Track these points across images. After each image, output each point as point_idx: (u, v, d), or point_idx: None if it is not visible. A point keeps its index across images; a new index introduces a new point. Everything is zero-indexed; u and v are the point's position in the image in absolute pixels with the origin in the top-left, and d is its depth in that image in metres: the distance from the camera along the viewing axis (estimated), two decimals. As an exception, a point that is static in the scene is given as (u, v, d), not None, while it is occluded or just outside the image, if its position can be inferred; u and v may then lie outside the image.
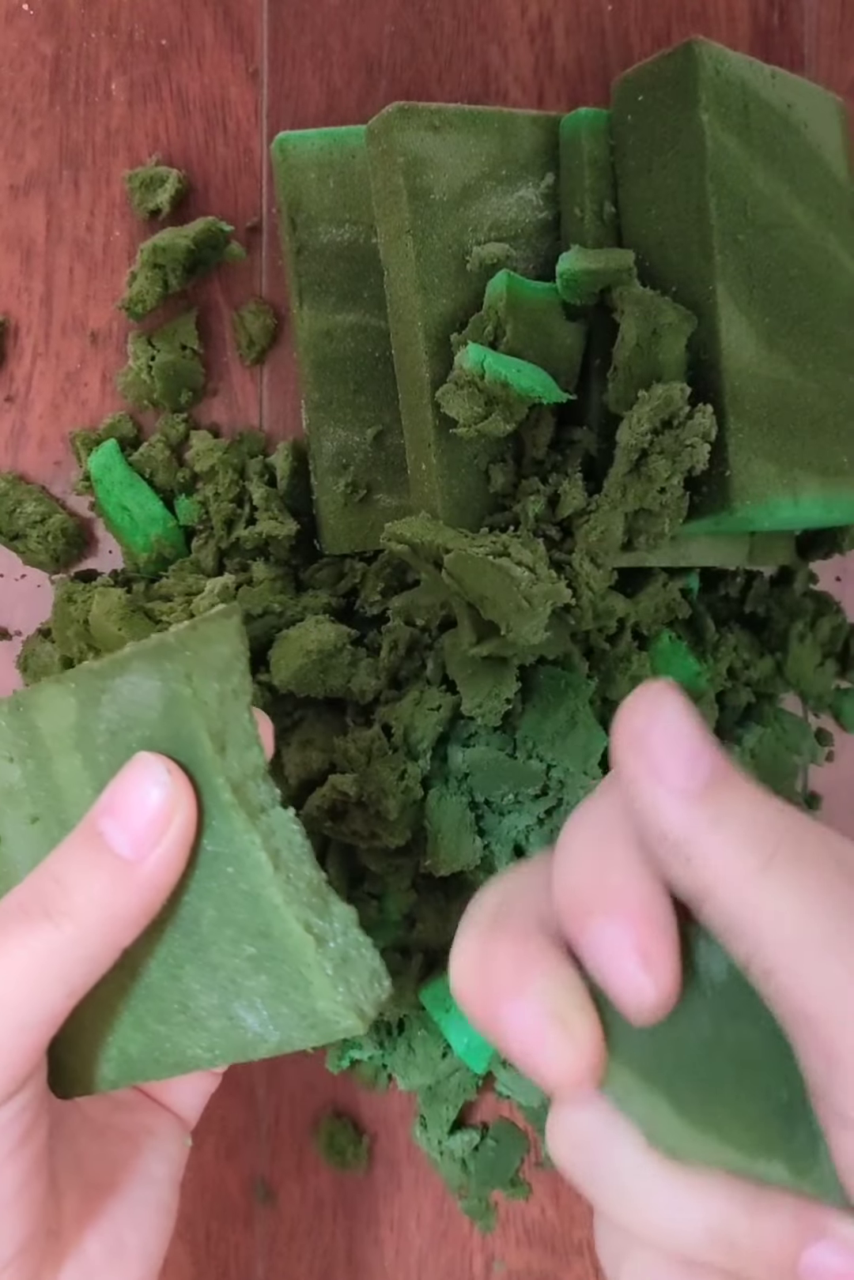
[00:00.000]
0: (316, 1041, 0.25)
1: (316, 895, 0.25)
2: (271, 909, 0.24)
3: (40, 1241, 0.27)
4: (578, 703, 0.38)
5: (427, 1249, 0.43)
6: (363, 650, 0.39)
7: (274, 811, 0.25)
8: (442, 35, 0.43)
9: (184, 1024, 0.26)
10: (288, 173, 0.39)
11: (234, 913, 0.25)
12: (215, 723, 0.25)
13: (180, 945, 0.26)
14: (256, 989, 0.25)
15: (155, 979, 0.26)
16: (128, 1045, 0.27)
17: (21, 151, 0.42)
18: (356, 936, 0.25)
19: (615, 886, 0.20)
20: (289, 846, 0.25)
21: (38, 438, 0.42)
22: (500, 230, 0.36)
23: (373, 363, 0.39)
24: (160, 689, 0.24)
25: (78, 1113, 0.30)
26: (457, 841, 0.38)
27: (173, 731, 0.25)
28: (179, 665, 0.24)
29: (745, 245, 0.35)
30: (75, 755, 0.26)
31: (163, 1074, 0.27)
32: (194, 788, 0.25)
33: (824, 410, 0.37)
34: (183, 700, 0.24)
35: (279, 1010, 0.25)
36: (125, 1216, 0.29)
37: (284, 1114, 0.43)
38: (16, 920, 0.25)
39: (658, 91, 0.35)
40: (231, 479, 0.40)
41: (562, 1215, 0.43)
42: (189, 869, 0.25)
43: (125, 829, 0.25)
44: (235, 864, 0.25)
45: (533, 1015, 0.20)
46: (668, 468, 0.33)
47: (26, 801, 0.27)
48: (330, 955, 0.25)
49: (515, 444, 0.36)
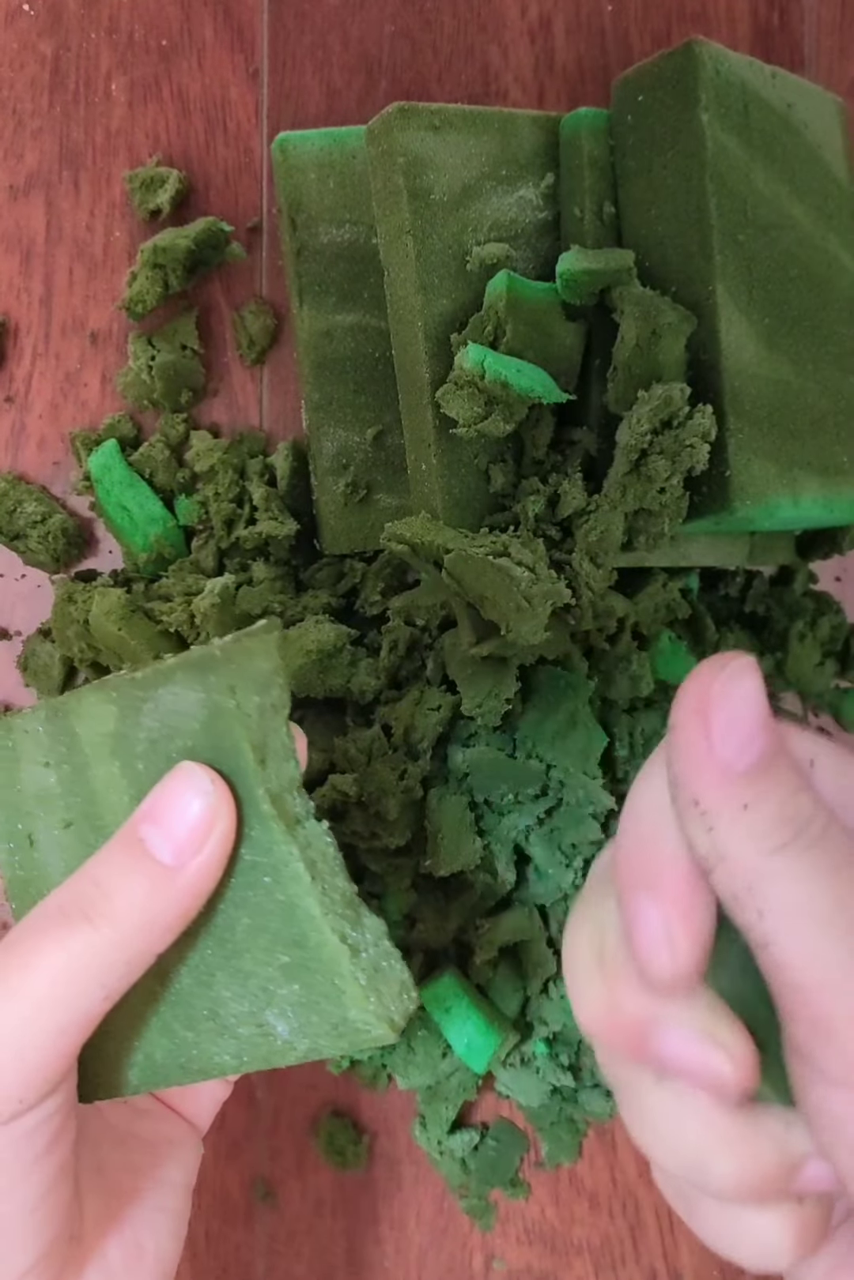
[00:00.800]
0: (346, 1050, 0.26)
1: (350, 907, 0.26)
2: (308, 919, 0.25)
3: (63, 1246, 0.27)
4: (578, 703, 0.38)
5: (426, 1247, 0.43)
6: (363, 650, 0.39)
7: (309, 823, 0.26)
8: (441, 35, 0.43)
9: (213, 1030, 0.26)
10: (288, 173, 0.39)
11: (269, 922, 0.25)
12: (256, 735, 0.25)
13: (213, 952, 0.26)
14: (288, 997, 0.25)
15: (185, 985, 0.26)
16: (154, 1050, 0.27)
17: (21, 152, 0.42)
18: (387, 947, 0.26)
19: (660, 862, 0.21)
20: (324, 858, 0.26)
21: (37, 438, 0.42)
22: (500, 230, 0.36)
23: (373, 363, 0.39)
24: (203, 700, 0.25)
25: (99, 1118, 0.30)
26: (457, 841, 0.38)
27: (214, 742, 0.25)
28: (222, 678, 0.24)
29: (745, 245, 0.35)
30: (113, 762, 0.26)
31: (187, 1079, 0.27)
32: (234, 798, 0.25)
33: (824, 410, 0.37)
34: (226, 712, 0.25)
35: (310, 1019, 0.25)
36: (144, 1222, 0.30)
37: (284, 1113, 0.43)
38: (56, 923, 0.25)
39: (658, 91, 0.35)
40: (231, 479, 0.40)
41: (562, 1215, 0.43)
42: (225, 878, 0.25)
43: (167, 836, 0.25)
44: (273, 874, 0.25)
45: (687, 1043, 0.21)
46: (668, 468, 0.33)
47: (61, 806, 0.27)
48: (363, 966, 0.25)
49: (515, 444, 0.36)
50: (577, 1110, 0.42)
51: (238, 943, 0.26)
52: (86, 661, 0.40)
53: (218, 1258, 0.43)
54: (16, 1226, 0.25)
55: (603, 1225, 0.43)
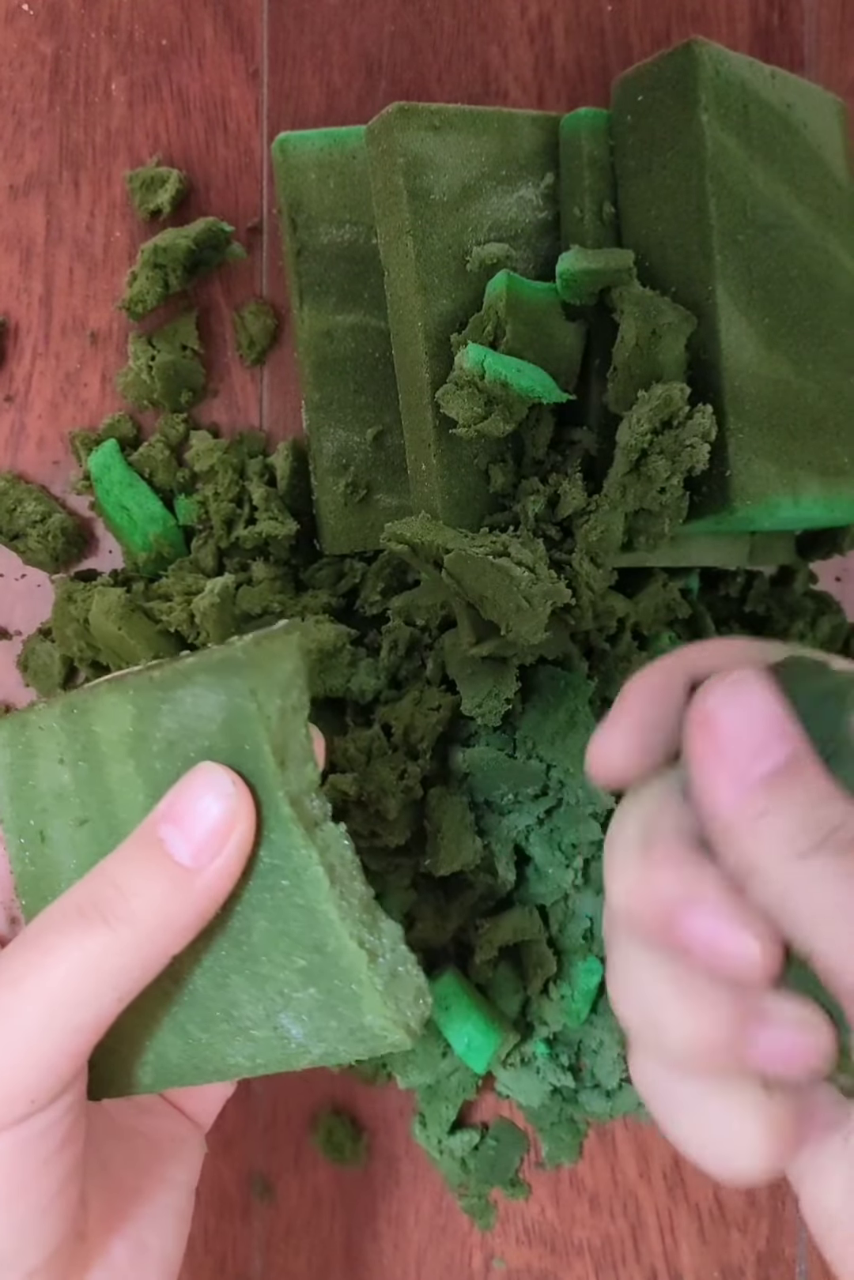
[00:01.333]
0: (362, 1055, 0.25)
1: (367, 911, 0.25)
2: (327, 924, 0.25)
3: (71, 1244, 0.27)
4: (578, 703, 0.38)
5: (425, 1244, 0.43)
6: (363, 650, 0.39)
7: (327, 826, 0.25)
8: (441, 35, 0.43)
9: (227, 1032, 0.26)
10: (288, 173, 0.39)
11: (287, 925, 0.25)
12: (277, 737, 0.25)
13: (229, 955, 0.26)
14: (305, 1001, 0.25)
15: (199, 986, 0.26)
16: (166, 1050, 0.27)
17: (21, 152, 0.42)
18: (403, 952, 0.26)
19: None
20: (342, 861, 0.25)
21: (37, 437, 0.42)
22: (500, 230, 0.36)
23: (373, 363, 0.39)
24: (224, 702, 0.25)
25: (104, 1116, 0.30)
26: (457, 841, 0.38)
27: (234, 744, 0.25)
28: (244, 680, 0.24)
29: (745, 245, 0.35)
30: (129, 761, 0.26)
31: (200, 1080, 0.27)
32: (253, 800, 0.25)
33: (824, 410, 0.37)
34: (247, 715, 0.24)
35: (327, 1023, 0.25)
36: (148, 1221, 0.29)
37: (282, 1110, 0.43)
38: (72, 922, 0.25)
39: (658, 91, 0.35)
40: (231, 479, 0.40)
41: (561, 1215, 0.43)
42: (243, 880, 0.25)
43: (187, 837, 0.25)
44: (292, 878, 0.25)
45: (715, 920, 0.21)
46: (668, 468, 0.33)
47: (75, 804, 0.27)
48: (381, 971, 0.25)
49: (515, 444, 0.36)
50: (577, 1110, 0.42)
51: (254, 945, 0.25)
52: (86, 661, 0.40)
53: (215, 1254, 0.43)
54: (27, 1226, 0.25)
55: (603, 1225, 0.43)
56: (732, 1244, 0.43)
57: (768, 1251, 0.43)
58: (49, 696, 0.41)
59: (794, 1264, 0.43)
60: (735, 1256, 0.43)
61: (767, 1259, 0.43)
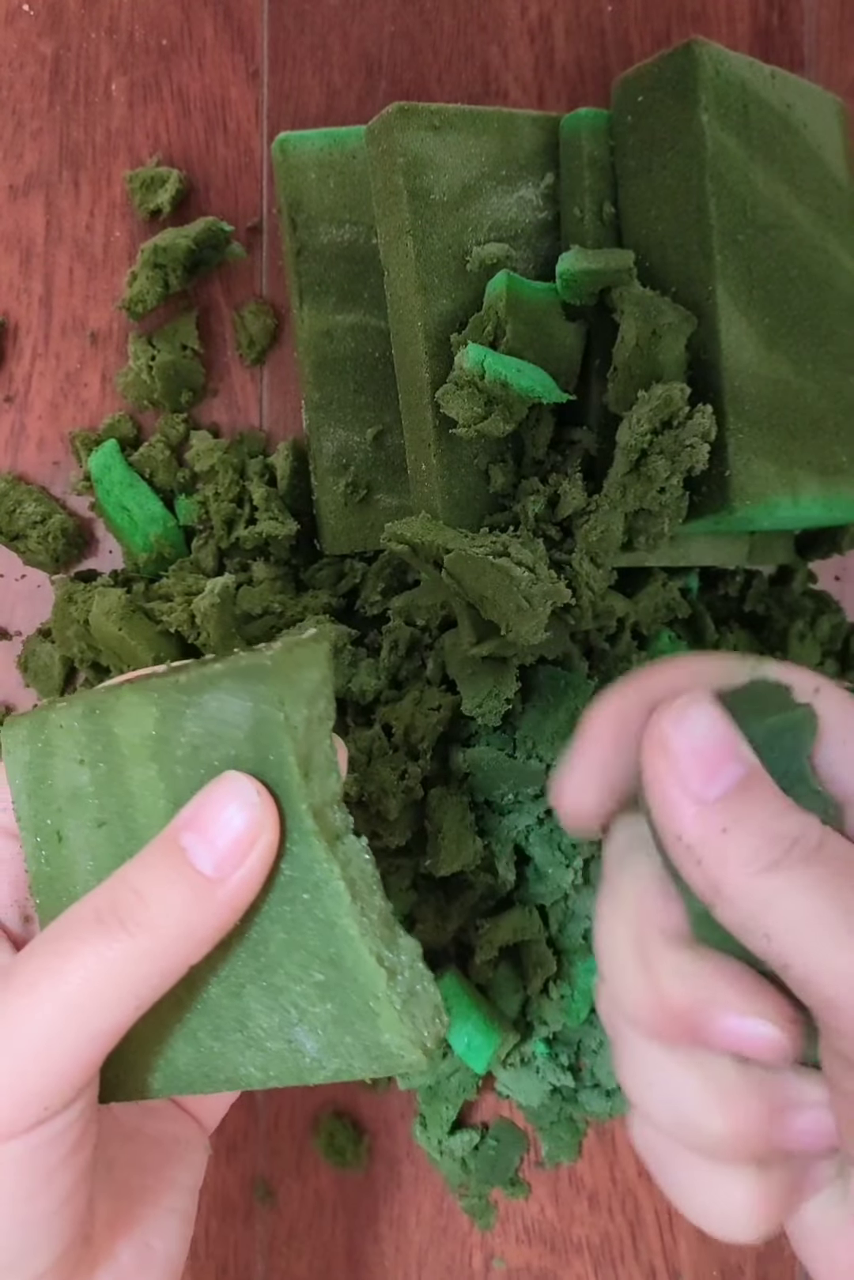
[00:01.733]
0: (377, 1073, 0.25)
1: (386, 926, 0.25)
2: (346, 939, 0.24)
3: (77, 1248, 0.26)
4: (578, 703, 0.38)
5: (426, 1246, 0.43)
6: (363, 650, 0.39)
7: (348, 839, 0.25)
8: (441, 35, 0.43)
9: (240, 1043, 0.26)
10: (288, 173, 0.39)
11: (305, 938, 0.25)
12: (302, 747, 0.24)
13: (244, 965, 0.25)
14: (320, 1016, 0.25)
15: (214, 995, 0.26)
16: (177, 1057, 0.26)
17: (21, 152, 0.42)
18: (421, 969, 0.25)
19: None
20: (363, 876, 0.25)
21: (37, 438, 0.42)
22: (500, 230, 0.36)
23: (373, 363, 0.39)
24: (250, 710, 0.24)
25: (109, 1117, 0.30)
26: (457, 841, 0.38)
27: (259, 753, 0.24)
28: (272, 688, 0.24)
29: (745, 245, 0.35)
30: (151, 765, 0.25)
31: (211, 1089, 0.26)
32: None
33: (824, 410, 0.37)
34: (273, 723, 0.24)
35: (342, 1039, 0.25)
36: (153, 1223, 0.29)
37: (284, 1113, 0.43)
38: (92, 928, 0.24)
39: (658, 92, 0.35)
40: (231, 479, 0.40)
41: (561, 1214, 0.43)
42: (263, 891, 0.25)
43: (210, 847, 0.24)
44: (312, 890, 0.24)
45: (737, 1020, 0.21)
46: (668, 468, 0.34)
47: (94, 805, 0.26)
48: (399, 990, 0.24)
49: (515, 444, 0.36)
50: (576, 1110, 0.42)
51: (271, 957, 0.25)
52: (87, 662, 0.40)
53: (217, 1258, 0.43)
54: (36, 1231, 0.25)
55: (602, 1224, 0.43)
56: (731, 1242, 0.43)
57: (767, 1250, 0.43)
58: (49, 697, 0.41)
59: (793, 1263, 0.43)
60: (734, 1255, 0.43)
61: (766, 1258, 0.43)
